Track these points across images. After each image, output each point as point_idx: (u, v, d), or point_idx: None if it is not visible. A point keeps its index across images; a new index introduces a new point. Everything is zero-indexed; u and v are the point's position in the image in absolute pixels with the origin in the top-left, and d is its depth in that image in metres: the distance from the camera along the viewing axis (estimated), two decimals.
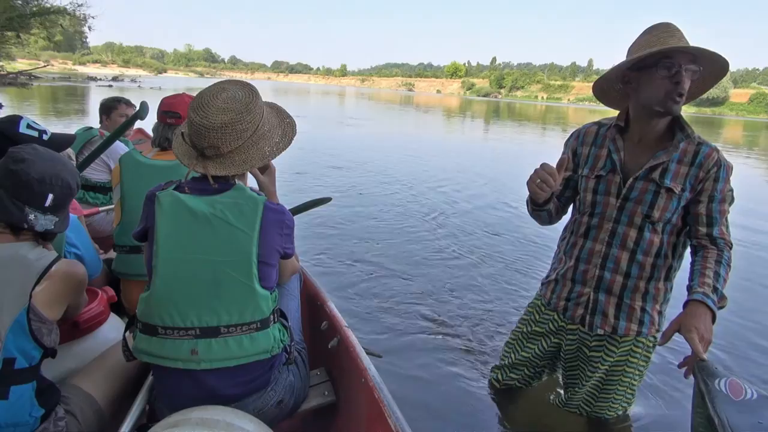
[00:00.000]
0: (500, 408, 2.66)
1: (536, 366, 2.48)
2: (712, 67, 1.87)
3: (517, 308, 3.95)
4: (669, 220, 1.99)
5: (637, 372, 2.19)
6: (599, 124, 2.17)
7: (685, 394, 2.86)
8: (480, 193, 8.55)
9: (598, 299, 2.13)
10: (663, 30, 1.86)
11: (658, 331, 2.12)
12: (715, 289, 1.75)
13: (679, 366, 1.68)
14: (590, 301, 2.15)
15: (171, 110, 2.34)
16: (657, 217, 1.98)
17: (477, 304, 4.04)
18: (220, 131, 1.45)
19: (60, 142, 2.01)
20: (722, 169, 1.91)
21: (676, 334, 1.69)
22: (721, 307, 1.74)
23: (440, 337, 3.45)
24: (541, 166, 1.91)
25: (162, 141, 2.34)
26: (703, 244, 1.92)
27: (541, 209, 2.13)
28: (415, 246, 5.44)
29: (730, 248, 1.91)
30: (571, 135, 2.26)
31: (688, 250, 2.05)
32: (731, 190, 1.94)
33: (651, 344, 2.15)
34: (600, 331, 2.14)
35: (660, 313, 2.12)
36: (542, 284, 2.42)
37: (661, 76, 1.83)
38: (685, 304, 1.74)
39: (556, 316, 2.30)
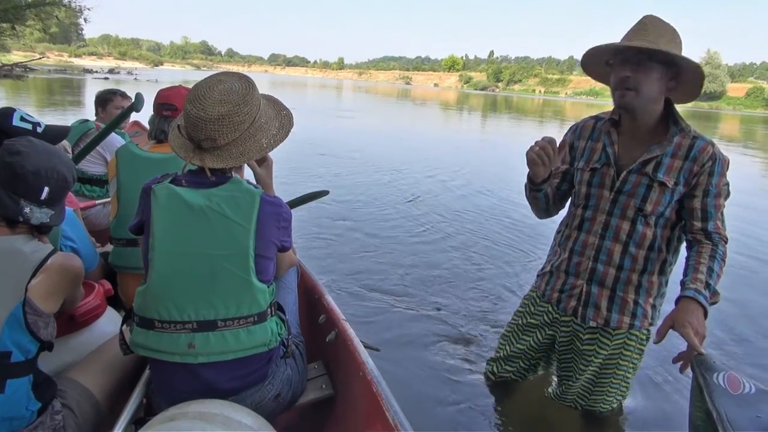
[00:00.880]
0: (496, 401, 2.67)
1: (531, 359, 2.49)
2: (685, 66, 1.85)
3: (515, 302, 3.94)
4: (662, 214, 1.99)
5: (631, 365, 2.19)
6: (596, 118, 2.18)
7: (680, 386, 2.88)
8: (475, 183, 8.55)
9: (590, 291, 2.15)
10: (637, 24, 1.89)
11: (651, 324, 2.12)
12: (707, 285, 1.76)
13: (674, 361, 1.70)
14: (583, 293, 2.17)
15: (167, 102, 2.32)
16: (649, 210, 1.99)
17: (474, 297, 4.05)
18: (216, 123, 1.44)
19: (55, 134, 1.99)
20: (717, 163, 1.89)
21: (670, 330, 1.70)
22: (713, 303, 1.75)
23: (438, 330, 3.45)
24: (542, 138, 1.97)
25: (158, 134, 2.33)
26: (698, 239, 1.92)
27: (538, 189, 2.14)
28: (413, 238, 5.45)
29: (726, 243, 1.91)
30: (569, 129, 2.27)
31: (684, 244, 2.06)
32: (727, 184, 1.93)
33: (645, 337, 2.16)
34: (592, 324, 2.15)
35: (654, 306, 2.12)
36: (538, 276, 2.43)
37: (614, 70, 1.91)
38: (677, 300, 1.76)
39: (550, 308, 2.32)
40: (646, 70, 1.83)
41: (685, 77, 1.88)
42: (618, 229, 2.06)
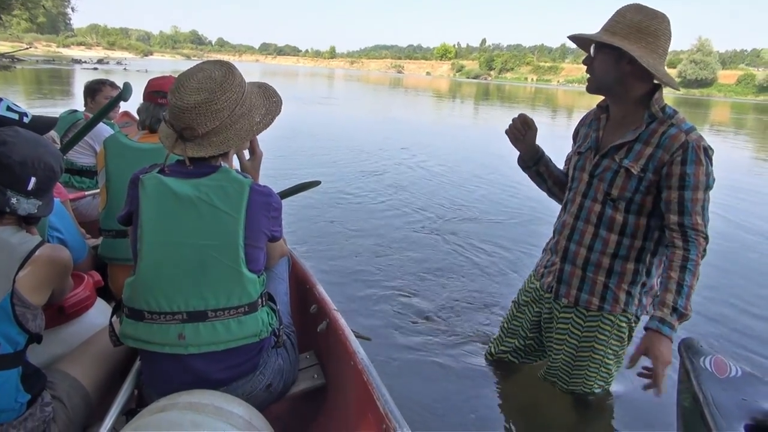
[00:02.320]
0: (488, 387, 2.70)
1: (525, 337, 2.55)
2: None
3: (508, 289, 3.98)
4: (631, 200, 2.01)
5: (609, 351, 2.22)
6: (599, 106, 2.22)
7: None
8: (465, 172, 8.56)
9: (563, 269, 2.23)
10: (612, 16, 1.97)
11: (624, 311, 2.14)
12: (674, 310, 1.76)
13: (644, 388, 1.75)
14: (558, 270, 2.25)
15: (161, 90, 2.33)
16: (616, 195, 2.03)
17: (465, 283, 4.07)
18: (193, 112, 1.43)
19: (42, 124, 1.97)
20: (689, 151, 1.85)
21: None
22: (683, 321, 1.77)
23: (429, 318, 3.47)
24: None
25: (154, 122, 2.32)
26: (673, 238, 1.89)
27: (526, 167, 2.40)
28: (401, 226, 5.45)
29: (705, 240, 1.86)
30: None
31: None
32: (708, 175, 1.86)
33: (624, 324, 2.18)
34: (564, 301, 2.23)
35: (629, 293, 2.12)
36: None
37: None
38: (645, 328, 1.81)
39: (538, 285, 2.40)
40: (600, 56, 1.95)
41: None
42: (590, 212, 2.13)
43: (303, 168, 8.19)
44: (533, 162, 2.36)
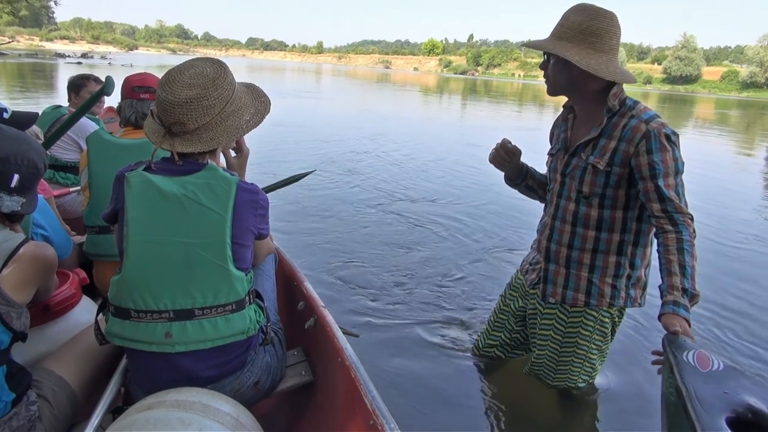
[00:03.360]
0: (476, 384, 2.72)
1: (511, 330, 2.57)
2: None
3: (495, 283, 4.01)
4: (603, 195, 2.03)
5: (593, 346, 2.24)
6: (565, 107, 2.24)
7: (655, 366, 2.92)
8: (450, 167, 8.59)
9: (548, 269, 2.26)
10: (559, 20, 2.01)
11: (610, 305, 2.15)
12: (684, 291, 1.73)
13: (654, 363, 1.74)
14: (542, 270, 2.28)
15: (144, 85, 2.33)
16: (587, 192, 2.06)
17: (453, 278, 4.08)
18: (185, 107, 1.43)
19: (22, 120, 1.95)
20: (652, 140, 1.86)
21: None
22: (694, 303, 1.75)
23: (417, 314, 3.48)
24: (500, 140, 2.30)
25: (139, 117, 2.32)
26: (662, 224, 1.88)
27: (515, 184, 2.44)
28: (386, 222, 5.46)
29: (692, 220, 1.87)
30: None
31: (648, 227, 2.08)
32: (676, 160, 1.88)
33: (607, 320, 2.20)
34: (551, 300, 2.25)
35: (614, 287, 2.13)
36: None
37: None
38: (660, 316, 1.74)
39: (523, 279, 2.44)
40: (552, 62, 2.01)
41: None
42: (565, 211, 2.16)
43: (270, 159, 8.25)
44: (521, 179, 2.41)
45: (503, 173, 2.41)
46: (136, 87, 2.33)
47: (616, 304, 2.15)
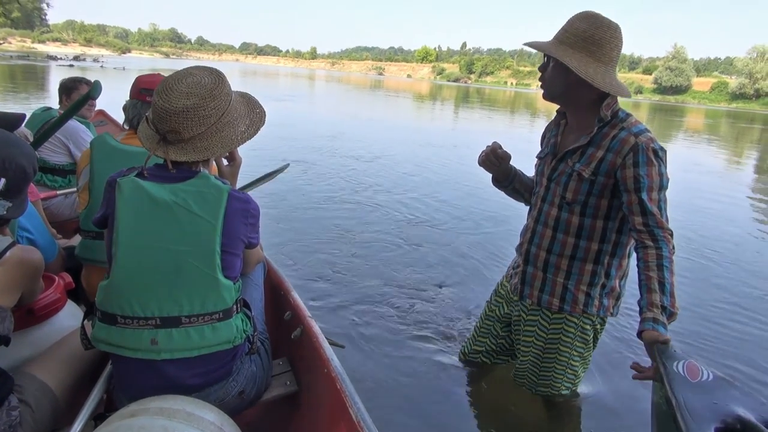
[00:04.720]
0: (461, 392, 2.73)
1: (497, 336, 2.59)
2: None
3: (482, 290, 4.01)
4: (585, 203, 2.06)
5: (575, 353, 2.26)
6: (558, 112, 2.26)
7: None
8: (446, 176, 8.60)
9: (526, 271, 2.30)
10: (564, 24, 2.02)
11: (584, 312, 2.16)
12: (663, 309, 1.75)
13: (634, 378, 1.75)
14: (521, 272, 2.32)
15: (152, 88, 2.29)
16: (570, 198, 2.09)
17: (440, 287, 4.10)
18: (181, 116, 1.43)
19: (6, 122, 1.92)
20: (640, 153, 1.88)
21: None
22: (672, 321, 1.76)
23: (403, 323, 3.47)
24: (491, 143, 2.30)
25: (140, 119, 2.29)
26: (643, 239, 1.89)
27: (502, 186, 2.46)
28: (372, 225, 5.46)
29: (671, 236, 1.88)
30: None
31: (627, 239, 2.10)
32: (661, 176, 1.90)
33: (588, 327, 2.21)
34: (528, 301, 2.29)
35: (588, 294, 2.15)
36: None
37: None
38: (639, 334, 1.75)
39: (509, 286, 2.46)
40: (552, 66, 2.02)
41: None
42: (548, 215, 2.19)
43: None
44: (508, 182, 2.42)
45: (491, 175, 2.43)
46: (143, 89, 2.28)
47: (589, 312, 2.17)
